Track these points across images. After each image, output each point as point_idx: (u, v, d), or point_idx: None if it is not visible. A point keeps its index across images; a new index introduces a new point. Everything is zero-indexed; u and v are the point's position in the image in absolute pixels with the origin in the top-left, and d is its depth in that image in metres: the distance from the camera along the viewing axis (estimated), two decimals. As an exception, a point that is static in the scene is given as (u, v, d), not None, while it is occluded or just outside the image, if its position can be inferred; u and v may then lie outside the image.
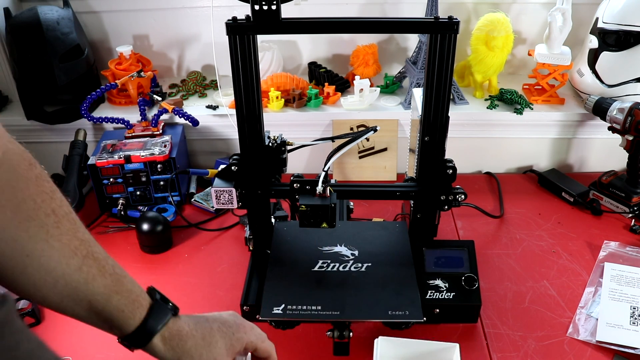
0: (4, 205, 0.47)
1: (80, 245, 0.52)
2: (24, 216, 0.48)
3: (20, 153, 0.50)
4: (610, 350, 0.84)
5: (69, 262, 0.51)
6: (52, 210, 0.50)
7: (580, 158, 1.38)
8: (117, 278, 0.54)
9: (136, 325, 0.55)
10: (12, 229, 0.48)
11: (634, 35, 1.19)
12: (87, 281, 0.52)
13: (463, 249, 0.93)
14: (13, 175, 0.48)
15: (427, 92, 0.84)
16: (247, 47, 0.80)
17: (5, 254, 0.48)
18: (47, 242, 0.49)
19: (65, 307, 0.53)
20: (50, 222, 0.50)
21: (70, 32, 1.28)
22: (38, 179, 0.50)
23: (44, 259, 0.49)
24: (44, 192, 0.50)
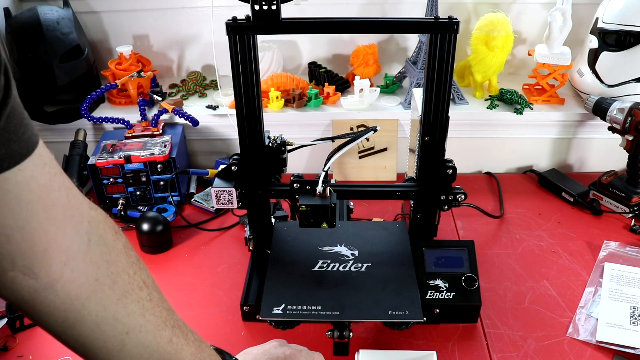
0: (102, 282, 0.45)
1: (168, 315, 0.51)
2: (121, 292, 0.46)
3: (104, 220, 0.47)
4: (610, 350, 0.84)
5: (162, 334, 0.50)
6: (144, 281, 0.49)
7: (580, 158, 1.38)
8: (198, 345, 0.55)
9: None
10: (112, 307, 0.45)
11: (634, 35, 1.19)
12: (177, 352, 0.51)
13: (463, 249, 0.93)
14: (105, 248, 0.46)
15: (427, 92, 0.84)
16: (247, 47, 0.80)
17: (106, 334, 0.46)
18: (144, 317, 0.48)
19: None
20: (144, 295, 0.48)
21: (70, 32, 1.28)
22: (126, 248, 0.48)
23: (142, 334, 0.48)
24: (133, 263, 0.48)
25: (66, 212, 0.42)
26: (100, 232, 0.46)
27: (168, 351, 0.51)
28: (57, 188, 0.41)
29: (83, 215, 0.44)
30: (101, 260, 0.45)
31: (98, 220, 0.46)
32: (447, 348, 0.86)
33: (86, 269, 0.44)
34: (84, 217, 0.44)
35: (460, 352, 0.85)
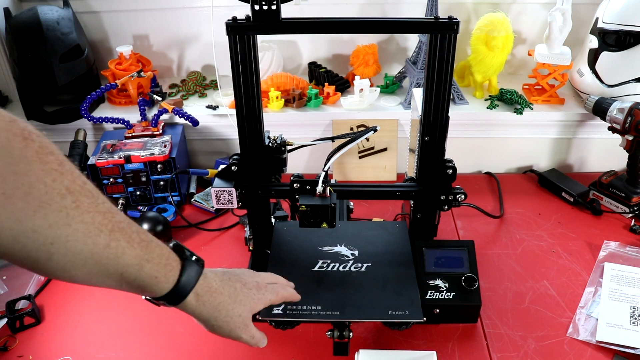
0: (11, 195, 0.42)
1: (104, 219, 0.49)
2: (38, 203, 0.43)
3: (7, 127, 0.43)
4: (610, 350, 0.84)
5: (95, 241, 0.48)
6: (67, 188, 0.46)
7: (580, 158, 1.38)
8: (145, 245, 0.53)
9: (170, 288, 0.57)
10: (28, 220, 0.43)
11: (634, 35, 1.19)
12: (117, 256, 0.50)
13: (463, 249, 0.93)
14: (10, 159, 0.42)
15: (427, 92, 0.84)
16: (247, 47, 0.80)
17: (27, 247, 0.44)
18: (69, 226, 0.46)
19: (95, 282, 0.51)
20: (68, 203, 0.45)
21: (70, 32, 1.28)
22: (40, 154, 0.44)
23: (70, 243, 0.46)
24: (52, 170, 0.45)
25: None
26: (3, 142, 0.42)
27: (106, 256, 0.49)
28: None
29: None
30: (6, 172, 0.41)
31: (1, 128, 0.42)
32: (447, 348, 0.86)
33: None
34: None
35: (460, 352, 0.85)
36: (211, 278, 0.62)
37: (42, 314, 0.93)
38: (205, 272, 0.62)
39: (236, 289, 0.65)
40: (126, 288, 0.54)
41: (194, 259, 0.60)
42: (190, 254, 0.61)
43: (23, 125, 0.44)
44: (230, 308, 0.63)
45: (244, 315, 0.65)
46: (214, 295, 0.62)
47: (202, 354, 0.85)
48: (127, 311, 0.94)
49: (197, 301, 0.59)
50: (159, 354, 0.85)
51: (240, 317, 0.64)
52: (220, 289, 0.63)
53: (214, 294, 0.62)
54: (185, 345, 0.87)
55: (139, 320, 0.92)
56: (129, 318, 0.92)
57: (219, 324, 0.63)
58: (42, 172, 0.44)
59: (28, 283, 0.99)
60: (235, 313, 0.64)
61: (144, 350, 0.86)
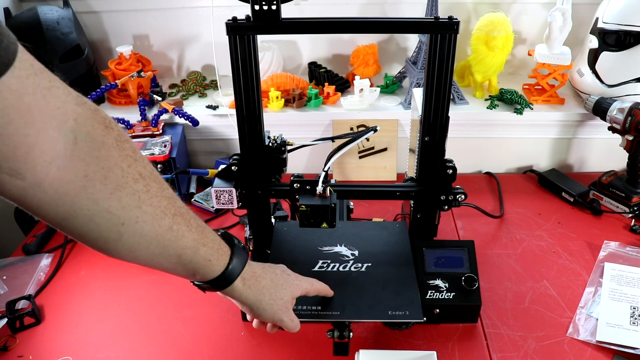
0: (92, 178, 0.46)
1: (168, 204, 0.53)
2: (114, 186, 0.47)
3: (92, 115, 0.47)
4: (610, 350, 0.84)
5: (160, 224, 0.52)
6: (139, 173, 0.49)
7: (580, 158, 1.38)
8: (202, 230, 0.58)
9: (221, 271, 0.61)
10: (104, 201, 0.47)
11: (634, 35, 1.19)
12: (178, 238, 0.54)
13: (463, 249, 0.93)
14: (93, 145, 0.46)
15: (427, 92, 0.84)
16: (247, 47, 0.80)
17: (101, 227, 0.48)
18: (140, 209, 0.49)
19: (155, 263, 0.55)
20: (140, 188, 0.49)
21: (70, 32, 1.28)
22: (118, 141, 0.48)
23: (139, 225, 0.50)
24: (127, 156, 0.48)
25: (44, 115, 0.42)
26: (87, 129, 0.45)
27: (168, 238, 0.53)
28: (32, 92, 0.41)
29: (67, 114, 0.44)
30: (90, 157, 0.45)
31: (85, 117, 0.46)
32: (447, 348, 0.86)
33: (74, 166, 0.45)
34: (68, 115, 0.44)
35: (460, 352, 0.85)
36: (255, 265, 0.67)
37: (42, 314, 0.93)
38: (249, 261, 0.66)
39: (277, 274, 0.70)
40: (181, 270, 0.58)
41: (242, 247, 0.65)
42: (239, 242, 0.65)
43: (104, 114, 0.48)
44: (273, 291, 0.67)
45: (285, 299, 0.69)
46: (258, 279, 0.66)
47: (202, 354, 0.85)
48: (127, 311, 0.94)
49: (243, 285, 0.63)
50: (159, 354, 0.85)
51: (282, 300, 0.69)
52: (263, 274, 0.67)
53: (258, 278, 0.66)
54: (185, 345, 0.87)
55: (139, 320, 0.92)
56: (129, 318, 0.92)
57: (264, 307, 0.67)
58: (120, 157, 0.48)
59: (28, 283, 0.99)
60: (278, 296, 0.68)
61: (144, 350, 0.86)
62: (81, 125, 0.45)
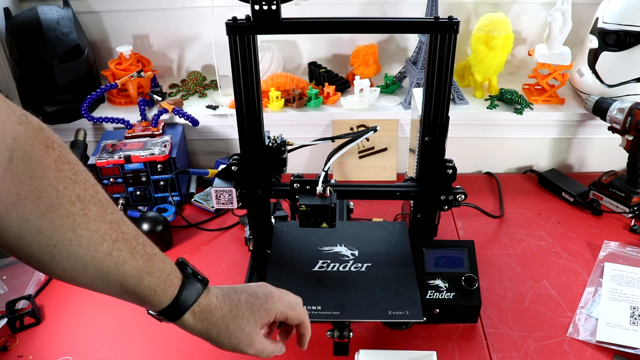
0: (24, 197, 0.45)
1: (109, 229, 0.51)
2: (47, 207, 0.46)
3: (34, 135, 0.46)
4: (610, 350, 0.84)
5: (98, 249, 0.50)
6: (77, 196, 0.48)
7: (580, 158, 1.38)
8: (148, 258, 0.55)
9: (168, 303, 0.57)
10: (35, 221, 0.46)
11: (634, 35, 1.19)
12: (118, 265, 0.51)
13: (463, 249, 0.93)
14: (29, 164, 0.45)
15: (427, 92, 0.84)
16: (247, 47, 0.80)
17: (32, 246, 0.47)
18: (74, 232, 0.48)
19: (96, 288, 0.53)
20: (76, 210, 0.48)
21: (70, 32, 1.28)
22: (57, 162, 0.47)
23: (72, 247, 0.48)
24: (65, 178, 0.48)
25: None
26: (26, 148, 0.45)
27: (107, 264, 0.51)
28: None
29: (6, 132, 0.44)
30: (24, 176, 0.45)
31: (26, 136, 0.45)
32: (447, 348, 0.86)
33: (6, 184, 0.44)
34: (6, 134, 0.44)
35: (460, 352, 0.85)
36: (213, 294, 0.61)
37: (42, 314, 0.93)
38: (210, 289, 0.61)
39: (240, 300, 0.62)
40: (126, 298, 0.55)
41: (197, 277, 0.60)
42: (194, 272, 0.60)
43: (49, 134, 0.48)
44: (231, 324, 0.60)
45: (247, 330, 0.61)
46: (213, 312, 0.60)
47: (202, 354, 0.85)
48: (127, 311, 0.94)
49: (194, 319, 0.59)
50: (159, 354, 0.85)
51: (243, 332, 0.61)
52: (221, 305, 0.61)
53: (213, 310, 0.60)
54: (185, 345, 0.87)
55: (139, 320, 0.92)
56: (129, 318, 0.92)
57: (221, 340, 0.61)
58: (56, 179, 0.47)
59: (28, 283, 0.99)
60: (237, 328, 0.61)
61: (144, 350, 0.86)
62: (19, 144, 0.45)
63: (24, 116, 0.46)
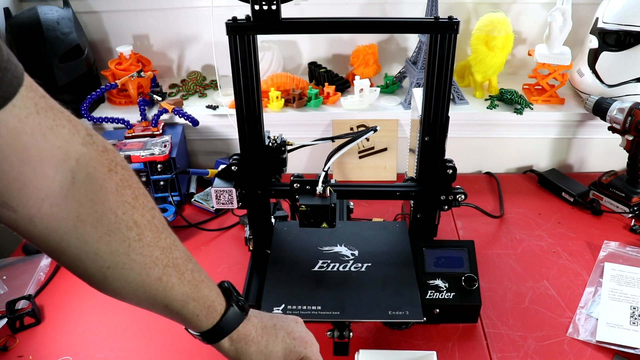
0: (84, 219, 0.46)
1: (161, 254, 0.52)
2: (105, 231, 0.47)
3: (98, 157, 0.47)
4: (610, 350, 0.84)
5: (149, 273, 0.51)
6: (134, 222, 0.49)
7: (580, 158, 1.38)
8: (195, 284, 0.56)
9: (208, 328, 0.58)
10: (93, 244, 0.47)
11: (634, 35, 1.19)
12: (166, 290, 0.53)
13: (463, 249, 0.93)
14: (91, 187, 0.46)
15: (427, 92, 0.84)
16: (247, 47, 0.80)
17: (87, 266, 0.48)
18: (128, 256, 0.49)
19: (142, 307, 0.55)
20: (132, 235, 0.49)
21: (70, 32, 1.28)
22: (119, 186, 0.48)
23: (125, 271, 0.49)
24: (125, 203, 0.48)
25: (41, 154, 0.42)
26: (89, 170, 0.46)
27: (155, 288, 0.52)
28: (29, 131, 0.41)
29: (69, 153, 0.44)
30: (85, 199, 0.46)
31: (89, 158, 0.46)
32: (447, 348, 0.86)
33: (67, 205, 0.45)
34: (69, 155, 0.44)
35: (460, 352, 0.85)
36: (252, 325, 0.62)
37: (42, 314, 0.93)
38: (250, 318, 0.62)
39: (277, 338, 0.64)
40: (169, 317, 0.57)
41: (240, 304, 0.61)
42: (237, 299, 0.61)
43: (113, 156, 0.48)
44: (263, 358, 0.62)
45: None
46: (249, 343, 0.61)
47: (202, 354, 0.85)
48: (127, 311, 0.94)
49: (230, 345, 0.60)
50: (159, 354, 0.85)
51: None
52: (258, 338, 0.62)
53: (250, 342, 0.61)
54: (185, 345, 0.87)
55: (139, 320, 0.92)
56: (129, 318, 0.92)
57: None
58: (116, 203, 0.48)
59: (28, 283, 0.99)
60: None
61: (144, 350, 0.86)
62: (82, 166, 0.45)
63: (88, 136, 0.46)
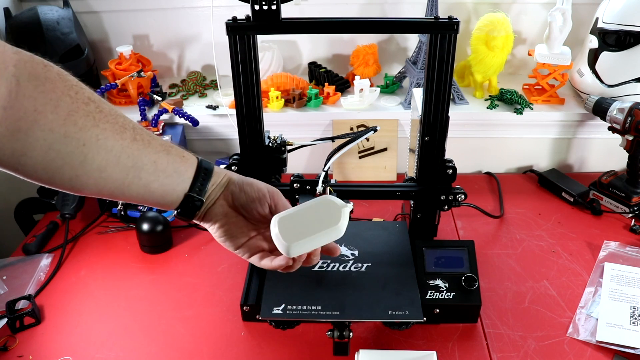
0: (42, 110, 0.49)
1: (125, 120, 0.55)
2: (66, 112, 0.50)
3: (30, 59, 0.50)
4: (610, 350, 0.84)
5: (123, 136, 0.54)
6: (88, 97, 0.52)
7: (580, 158, 1.38)
8: (162, 142, 0.60)
9: (190, 182, 0.61)
10: (59, 128, 0.49)
11: (634, 35, 1.19)
12: (145, 145, 0.56)
13: (463, 249, 0.93)
14: (37, 82, 0.49)
15: (427, 92, 0.84)
16: (247, 47, 0.80)
17: (62, 152, 0.50)
18: (97, 127, 0.52)
19: (128, 183, 0.56)
20: (92, 109, 0.52)
21: (70, 32, 1.28)
22: (60, 75, 0.51)
23: (101, 141, 0.52)
24: (73, 85, 0.52)
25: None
26: (29, 70, 0.49)
27: (136, 148, 0.55)
28: None
29: (6, 62, 0.48)
30: (36, 92, 0.49)
31: (24, 61, 0.50)
32: (447, 348, 0.86)
33: (21, 104, 0.48)
34: (7, 63, 0.48)
35: (460, 352, 0.85)
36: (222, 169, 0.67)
37: (42, 314, 0.93)
38: None
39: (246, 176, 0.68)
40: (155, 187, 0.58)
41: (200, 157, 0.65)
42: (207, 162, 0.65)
43: (41, 58, 0.52)
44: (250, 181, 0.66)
45: None
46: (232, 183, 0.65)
47: (202, 354, 0.85)
48: (127, 311, 0.94)
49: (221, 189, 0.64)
50: (159, 354, 0.85)
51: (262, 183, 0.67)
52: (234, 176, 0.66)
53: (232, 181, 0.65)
54: (185, 345, 0.87)
55: (139, 320, 0.92)
56: (129, 318, 0.92)
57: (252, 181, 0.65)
58: (65, 87, 0.51)
59: (28, 283, 0.99)
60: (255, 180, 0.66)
61: (144, 350, 0.86)
62: (21, 69, 0.49)
63: (14, 47, 0.50)
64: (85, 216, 1.19)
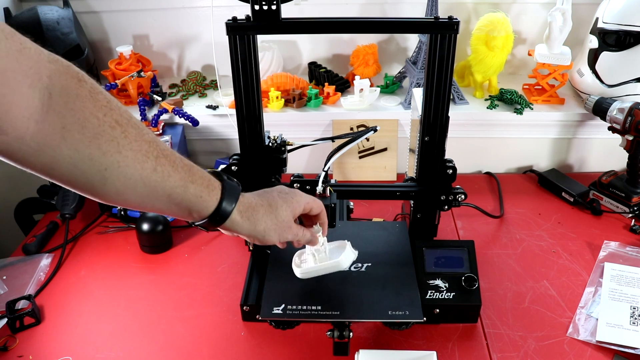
0: (70, 129, 0.49)
1: (149, 147, 0.55)
2: (92, 134, 0.50)
3: (65, 71, 0.50)
4: (610, 350, 0.84)
5: (143, 166, 0.55)
6: (116, 121, 0.52)
7: (580, 158, 1.38)
8: (189, 169, 0.60)
9: (214, 206, 0.62)
10: (85, 149, 0.50)
11: (634, 35, 1.19)
12: (164, 179, 0.57)
13: (463, 249, 0.93)
14: (68, 98, 0.49)
15: (427, 92, 0.84)
16: (247, 47, 0.80)
17: (85, 172, 0.51)
18: (120, 154, 0.52)
19: (146, 205, 0.58)
20: (118, 134, 0.52)
21: (70, 32, 1.28)
22: (92, 93, 0.51)
23: (121, 168, 0.53)
24: (102, 106, 0.52)
25: (18, 75, 0.45)
26: (62, 84, 0.49)
27: (154, 179, 0.56)
28: (4, 56, 0.44)
29: (40, 72, 0.48)
30: (66, 110, 0.49)
31: (59, 73, 0.49)
32: (447, 348, 0.86)
33: (51, 119, 0.48)
34: (41, 73, 0.48)
35: (460, 352, 0.85)
36: (249, 196, 0.68)
37: (42, 314, 0.93)
38: (243, 193, 0.67)
39: (274, 196, 0.70)
40: (176, 210, 0.60)
41: (233, 181, 0.66)
42: (229, 177, 0.66)
43: (77, 69, 0.52)
44: (273, 217, 0.68)
45: (287, 219, 0.70)
46: (256, 209, 0.67)
47: (202, 354, 0.85)
48: (127, 311, 0.94)
49: (241, 217, 0.65)
50: (159, 354, 0.85)
51: (284, 222, 0.69)
52: (260, 202, 0.68)
53: (256, 208, 0.67)
54: (185, 345, 0.87)
55: (139, 320, 0.92)
56: (129, 318, 0.92)
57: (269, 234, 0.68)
58: (94, 108, 0.51)
59: (28, 283, 0.99)
60: (279, 219, 0.69)
61: (144, 350, 0.86)
62: (55, 81, 0.48)
63: (51, 55, 0.50)
64: (85, 216, 1.18)
